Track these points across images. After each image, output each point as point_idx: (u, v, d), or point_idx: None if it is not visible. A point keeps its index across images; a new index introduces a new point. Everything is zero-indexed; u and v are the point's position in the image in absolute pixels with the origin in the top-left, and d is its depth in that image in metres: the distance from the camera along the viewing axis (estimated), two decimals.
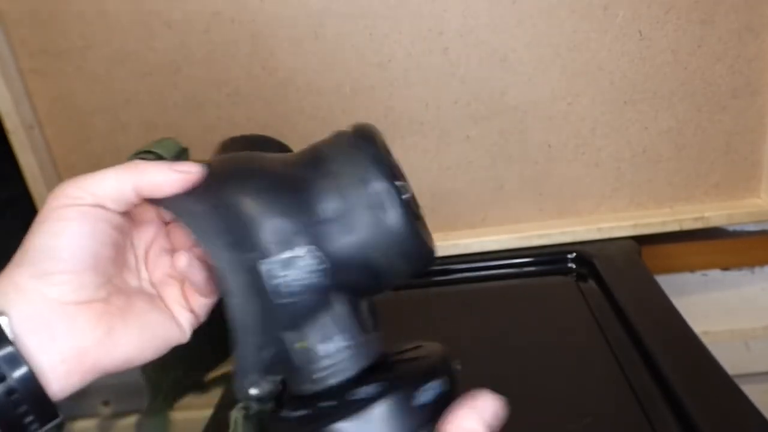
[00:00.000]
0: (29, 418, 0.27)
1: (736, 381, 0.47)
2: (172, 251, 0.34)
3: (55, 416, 0.28)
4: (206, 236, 0.28)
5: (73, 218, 0.29)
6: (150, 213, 0.34)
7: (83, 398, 0.81)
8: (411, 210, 0.29)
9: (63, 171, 0.72)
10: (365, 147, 0.29)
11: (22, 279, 0.28)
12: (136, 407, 0.83)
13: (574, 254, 0.69)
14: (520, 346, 0.57)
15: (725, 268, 0.79)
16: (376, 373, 0.28)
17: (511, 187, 0.72)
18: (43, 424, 0.27)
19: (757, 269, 0.79)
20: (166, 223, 0.34)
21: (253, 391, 0.29)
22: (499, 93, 0.67)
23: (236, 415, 0.31)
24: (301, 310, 0.28)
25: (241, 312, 0.28)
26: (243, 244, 0.28)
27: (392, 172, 0.29)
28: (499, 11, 0.64)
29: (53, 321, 0.28)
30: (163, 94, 0.68)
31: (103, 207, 0.29)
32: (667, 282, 0.68)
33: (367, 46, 0.66)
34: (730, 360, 0.50)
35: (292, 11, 0.64)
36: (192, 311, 0.33)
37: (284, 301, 0.27)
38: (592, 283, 0.65)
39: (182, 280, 0.33)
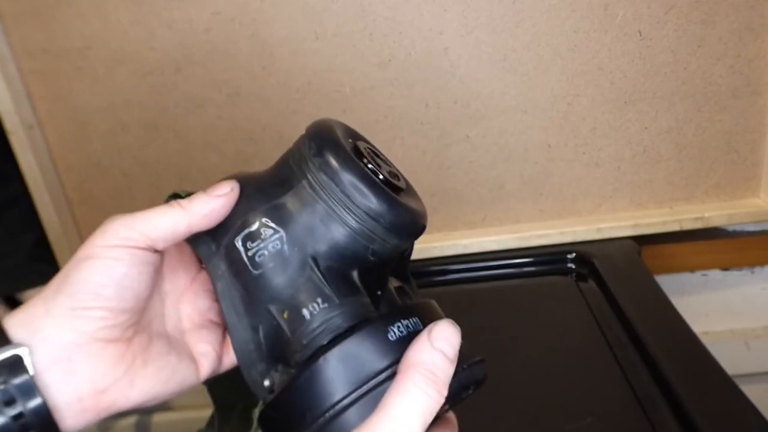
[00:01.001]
0: None
1: (736, 381, 0.47)
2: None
3: None
4: (195, 238, 0.32)
5: (123, 259, 0.29)
6: (190, 255, 0.34)
7: None
8: (389, 186, 0.30)
9: (63, 171, 0.72)
10: (318, 150, 0.30)
11: (56, 307, 0.28)
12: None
13: (574, 254, 0.69)
14: (519, 346, 0.57)
15: (725, 268, 0.79)
16: None
17: (511, 187, 0.72)
18: None
19: (757, 269, 0.79)
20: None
21: (266, 383, 0.30)
22: (499, 93, 0.67)
23: (258, 413, 0.31)
24: (278, 277, 0.29)
25: (229, 293, 0.31)
26: (220, 232, 0.31)
27: (358, 159, 0.30)
28: (499, 11, 0.64)
29: (77, 356, 0.28)
30: (163, 94, 0.68)
31: (152, 248, 0.30)
32: (667, 282, 0.68)
33: (367, 46, 0.66)
34: (730, 360, 0.50)
35: (292, 11, 0.64)
36: (221, 357, 0.34)
37: (261, 270, 0.29)
38: (592, 283, 0.65)
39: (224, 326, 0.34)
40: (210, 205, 0.30)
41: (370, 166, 0.30)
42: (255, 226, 0.30)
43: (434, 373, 0.25)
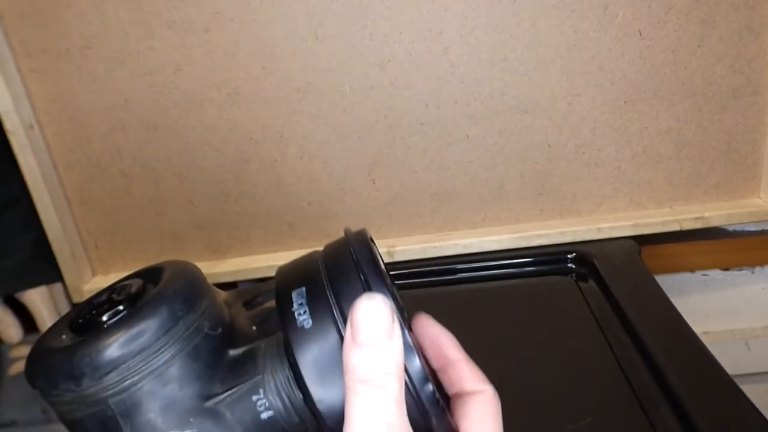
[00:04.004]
0: None
1: (736, 381, 0.47)
2: None
3: None
4: None
5: None
6: None
7: None
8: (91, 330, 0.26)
9: (63, 171, 0.72)
10: None
11: None
12: None
13: (574, 254, 0.69)
14: (519, 346, 0.57)
15: (725, 268, 0.79)
16: None
17: (511, 187, 0.72)
18: None
19: (757, 269, 0.79)
20: None
21: None
22: (499, 93, 0.67)
23: None
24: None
25: None
26: None
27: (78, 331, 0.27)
28: (499, 11, 0.64)
29: None
30: (163, 94, 0.68)
31: None
32: (667, 282, 0.68)
33: (367, 46, 0.66)
34: (730, 360, 0.50)
35: (292, 11, 0.64)
36: None
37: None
38: (592, 283, 0.65)
39: None
40: None
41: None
42: None
43: (368, 373, 0.23)
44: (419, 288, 0.70)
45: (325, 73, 0.67)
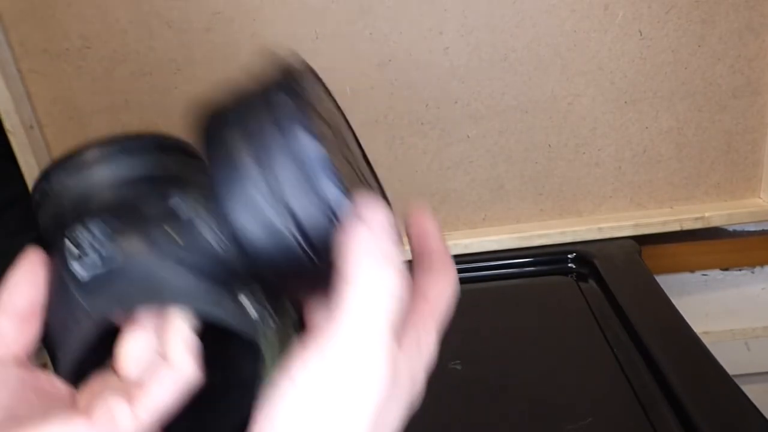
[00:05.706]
0: None
1: (736, 381, 0.47)
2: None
3: None
4: None
5: None
6: None
7: None
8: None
9: None
10: None
11: None
12: None
13: (574, 254, 0.69)
14: (520, 346, 0.57)
15: (725, 268, 0.79)
16: None
17: (511, 187, 0.72)
18: None
19: (757, 269, 0.79)
20: None
21: None
22: (499, 93, 0.67)
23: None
24: None
25: None
26: None
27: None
28: (499, 11, 0.64)
29: None
30: (163, 94, 0.68)
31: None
32: (667, 282, 0.68)
33: (367, 46, 0.66)
34: (730, 360, 0.50)
35: (292, 11, 0.64)
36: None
37: None
38: (592, 283, 0.65)
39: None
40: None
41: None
42: None
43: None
44: None
45: (325, 73, 0.67)
